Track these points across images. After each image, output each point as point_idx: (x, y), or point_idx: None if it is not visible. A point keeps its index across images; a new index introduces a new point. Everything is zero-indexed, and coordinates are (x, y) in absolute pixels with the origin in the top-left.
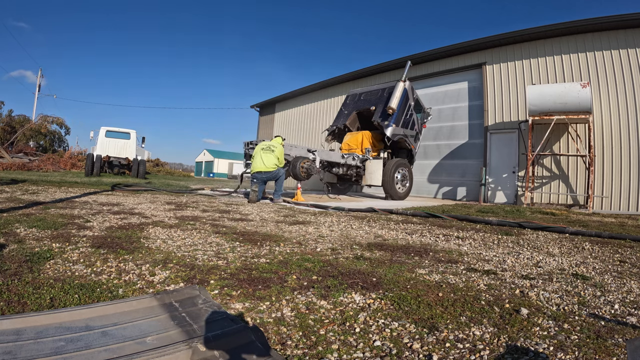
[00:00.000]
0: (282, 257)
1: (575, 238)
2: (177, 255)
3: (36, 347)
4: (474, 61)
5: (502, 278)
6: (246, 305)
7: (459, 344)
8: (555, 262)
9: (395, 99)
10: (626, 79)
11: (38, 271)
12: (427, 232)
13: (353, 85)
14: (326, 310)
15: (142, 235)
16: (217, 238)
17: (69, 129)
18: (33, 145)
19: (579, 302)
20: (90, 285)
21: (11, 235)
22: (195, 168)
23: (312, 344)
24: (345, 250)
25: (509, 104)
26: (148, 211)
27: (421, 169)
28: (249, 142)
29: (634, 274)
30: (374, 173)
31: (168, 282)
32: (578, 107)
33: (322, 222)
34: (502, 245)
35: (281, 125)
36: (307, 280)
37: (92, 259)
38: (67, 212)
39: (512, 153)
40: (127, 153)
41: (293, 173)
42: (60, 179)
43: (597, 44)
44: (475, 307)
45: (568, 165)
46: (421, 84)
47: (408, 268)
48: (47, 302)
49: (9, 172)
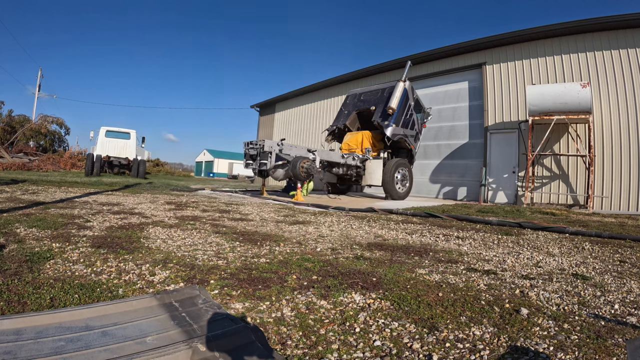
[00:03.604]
0: (282, 257)
1: (575, 238)
2: (177, 255)
3: (36, 347)
4: (474, 61)
5: (502, 278)
6: (246, 305)
7: (459, 344)
8: (555, 262)
9: (395, 99)
10: (626, 79)
11: (38, 271)
12: (427, 232)
13: (353, 85)
14: (326, 310)
15: (142, 235)
16: (217, 238)
17: (68, 129)
18: (33, 145)
19: (579, 302)
20: (90, 285)
21: (11, 235)
22: (195, 168)
23: (312, 344)
24: (345, 250)
25: (509, 104)
26: (148, 211)
27: (421, 169)
28: (249, 142)
29: (634, 274)
30: (374, 173)
31: (168, 282)
32: (578, 107)
33: (322, 222)
34: (502, 245)
35: (281, 125)
36: (307, 280)
37: (92, 259)
38: (67, 212)
39: (512, 153)
40: (127, 153)
41: (293, 173)
42: (60, 179)
43: (597, 44)
44: (475, 307)
45: (568, 165)
46: (421, 84)
47: (408, 268)
48: (47, 302)
49: (9, 172)
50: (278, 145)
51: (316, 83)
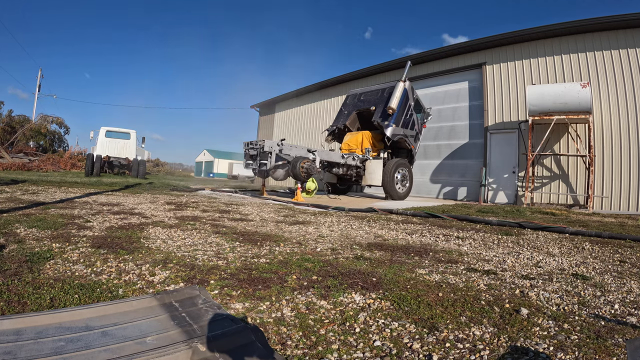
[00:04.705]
0: (282, 257)
1: (575, 238)
2: (177, 255)
3: (36, 347)
4: (474, 61)
5: (502, 278)
6: (246, 305)
7: (459, 344)
8: (555, 262)
9: (395, 99)
10: (626, 79)
11: (38, 271)
12: (427, 232)
13: (353, 85)
14: (326, 310)
15: (142, 235)
16: (217, 238)
17: (68, 129)
18: (33, 146)
19: (579, 302)
20: (90, 285)
21: (11, 235)
22: (195, 168)
23: (312, 344)
24: (345, 250)
25: (509, 104)
26: (148, 211)
27: (421, 169)
28: (249, 142)
29: (634, 274)
30: (374, 173)
31: (168, 282)
32: (578, 107)
33: (322, 222)
34: (502, 245)
35: (281, 125)
36: (307, 280)
37: (92, 259)
38: (67, 212)
39: (512, 153)
40: (127, 153)
41: (293, 173)
42: (60, 179)
43: (597, 44)
44: (475, 307)
45: (568, 165)
46: (421, 84)
47: (408, 268)
48: (47, 302)
49: (9, 172)
50: (278, 146)
51: (316, 83)
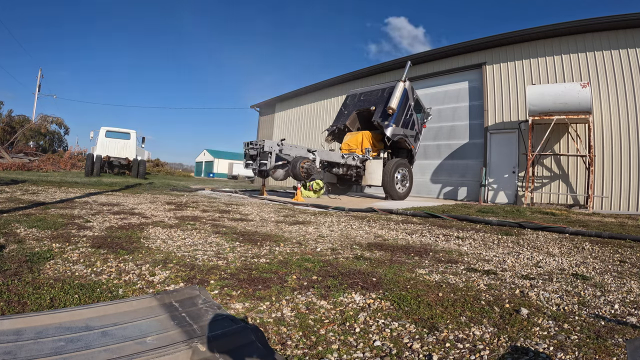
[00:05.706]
0: (282, 257)
1: (575, 238)
2: (177, 255)
3: (36, 347)
4: (474, 61)
5: (502, 278)
6: (246, 305)
7: (459, 344)
8: (555, 262)
9: (395, 99)
10: (626, 79)
11: (38, 271)
12: (427, 232)
13: (353, 85)
14: (326, 310)
15: (142, 236)
16: (217, 238)
17: (68, 129)
18: (33, 146)
19: (579, 302)
20: (90, 285)
21: (11, 235)
22: (195, 168)
23: (312, 344)
24: (345, 250)
25: (509, 104)
26: (148, 211)
27: (421, 169)
28: (249, 142)
29: (634, 274)
30: (374, 173)
31: (168, 282)
32: (578, 107)
33: (322, 222)
34: (502, 245)
35: (281, 125)
36: (307, 280)
37: (92, 259)
38: (67, 212)
39: (512, 153)
40: (127, 153)
41: (293, 173)
42: (60, 179)
43: (597, 44)
44: (475, 307)
45: (568, 165)
46: (421, 84)
47: (408, 268)
48: (47, 302)
49: (9, 172)
50: (278, 146)
51: (316, 83)
